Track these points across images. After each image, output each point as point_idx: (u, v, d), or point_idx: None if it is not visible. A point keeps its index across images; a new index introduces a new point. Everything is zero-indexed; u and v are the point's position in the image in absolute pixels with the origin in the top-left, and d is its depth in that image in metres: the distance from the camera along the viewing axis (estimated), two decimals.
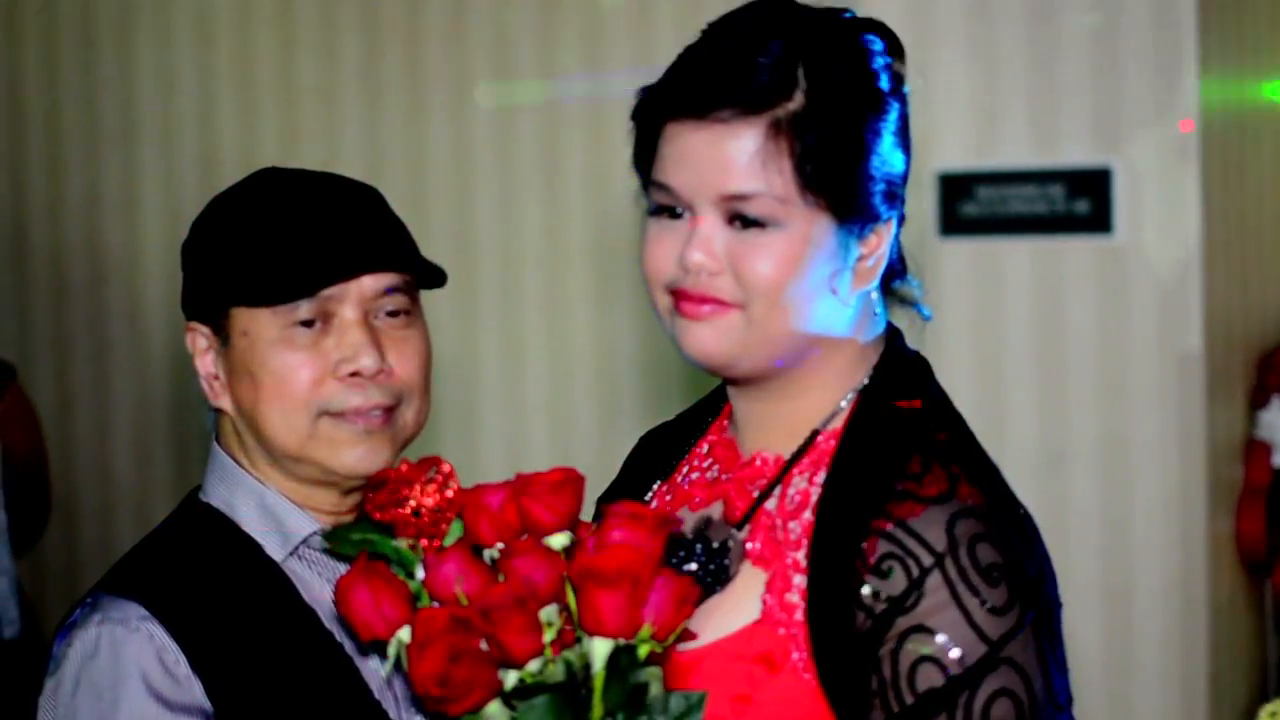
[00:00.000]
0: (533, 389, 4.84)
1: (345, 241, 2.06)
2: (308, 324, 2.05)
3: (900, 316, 2.13)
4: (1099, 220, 4.44)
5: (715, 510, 2.04)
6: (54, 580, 5.29)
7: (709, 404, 2.19)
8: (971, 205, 4.51)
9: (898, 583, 1.84)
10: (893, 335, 2.06)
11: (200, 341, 2.14)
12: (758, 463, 2.02)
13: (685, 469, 2.14)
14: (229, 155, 5.11)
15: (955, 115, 4.49)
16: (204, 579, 2.06)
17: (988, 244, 4.50)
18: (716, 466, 2.09)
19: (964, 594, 1.85)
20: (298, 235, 2.05)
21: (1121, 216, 4.42)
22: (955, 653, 1.84)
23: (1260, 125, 4.83)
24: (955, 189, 4.51)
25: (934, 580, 1.84)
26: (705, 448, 2.13)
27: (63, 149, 5.33)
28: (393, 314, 2.10)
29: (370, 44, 4.99)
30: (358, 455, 2.07)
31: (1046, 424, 4.43)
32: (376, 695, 2.07)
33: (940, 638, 1.84)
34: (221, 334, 2.10)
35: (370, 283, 2.06)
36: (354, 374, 2.05)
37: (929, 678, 1.83)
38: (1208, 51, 4.41)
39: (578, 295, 4.79)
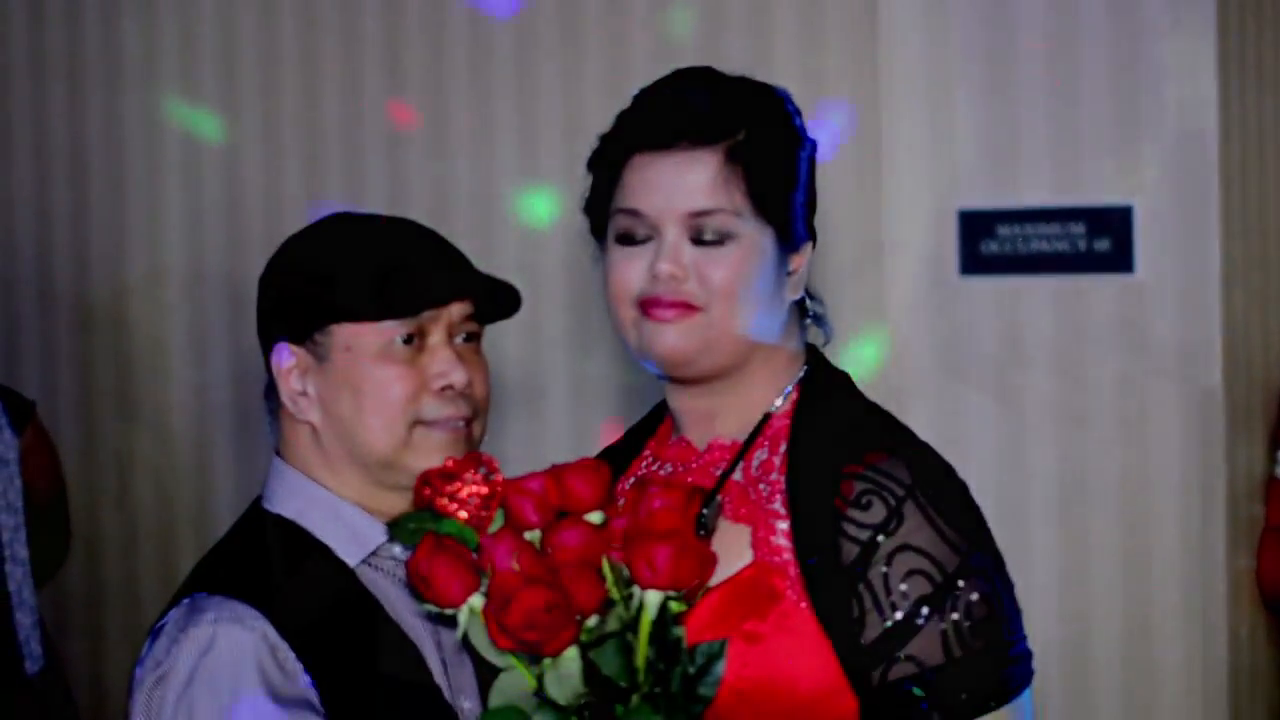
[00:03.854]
0: (552, 410, 4.92)
1: (451, 269, 2.41)
2: (407, 341, 2.35)
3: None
4: (1120, 258, 4.54)
5: None
6: (76, 613, 5.37)
7: (642, 429, 2.60)
8: (992, 243, 4.63)
9: (878, 513, 2.25)
10: (812, 347, 2.49)
11: (287, 360, 2.39)
12: (716, 449, 2.41)
13: (628, 482, 2.49)
14: (251, 190, 5.20)
15: (976, 153, 4.62)
16: (291, 581, 2.34)
17: (1009, 282, 4.60)
18: (669, 465, 2.47)
19: (935, 515, 2.26)
20: (408, 261, 2.38)
21: (1142, 255, 4.51)
22: (937, 563, 2.24)
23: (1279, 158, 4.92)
24: (976, 227, 4.62)
25: (909, 507, 2.26)
26: (644, 463, 2.52)
27: (88, 185, 5.43)
28: (469, 338, 2.43)
29: (393, 81, 5.09)
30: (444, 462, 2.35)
31: (1066, 461, 4.55)
32: (437, 681, 2.36)
33: (924, 552, 2.24)
34: (317, 351, 2.37)
35: (458, 309, 2.41)
36: (446, 388, 2.36)
37: (918, 587, 2.24)
38: (1228, 90, 4.51)
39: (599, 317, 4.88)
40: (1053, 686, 4.50)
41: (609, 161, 2.41)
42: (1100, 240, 4.58)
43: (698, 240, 2.33)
